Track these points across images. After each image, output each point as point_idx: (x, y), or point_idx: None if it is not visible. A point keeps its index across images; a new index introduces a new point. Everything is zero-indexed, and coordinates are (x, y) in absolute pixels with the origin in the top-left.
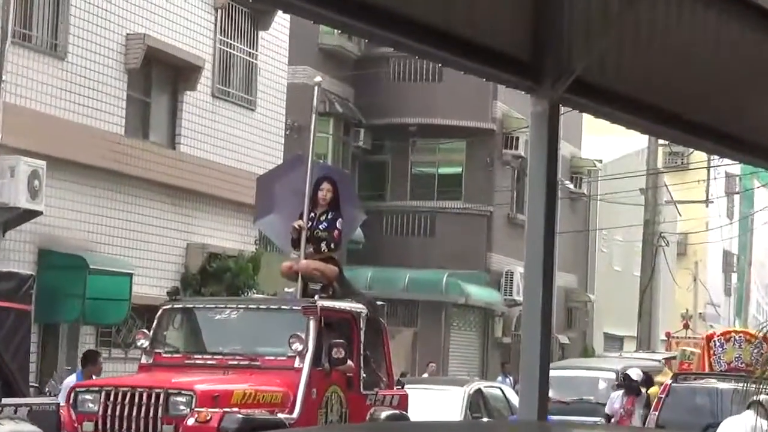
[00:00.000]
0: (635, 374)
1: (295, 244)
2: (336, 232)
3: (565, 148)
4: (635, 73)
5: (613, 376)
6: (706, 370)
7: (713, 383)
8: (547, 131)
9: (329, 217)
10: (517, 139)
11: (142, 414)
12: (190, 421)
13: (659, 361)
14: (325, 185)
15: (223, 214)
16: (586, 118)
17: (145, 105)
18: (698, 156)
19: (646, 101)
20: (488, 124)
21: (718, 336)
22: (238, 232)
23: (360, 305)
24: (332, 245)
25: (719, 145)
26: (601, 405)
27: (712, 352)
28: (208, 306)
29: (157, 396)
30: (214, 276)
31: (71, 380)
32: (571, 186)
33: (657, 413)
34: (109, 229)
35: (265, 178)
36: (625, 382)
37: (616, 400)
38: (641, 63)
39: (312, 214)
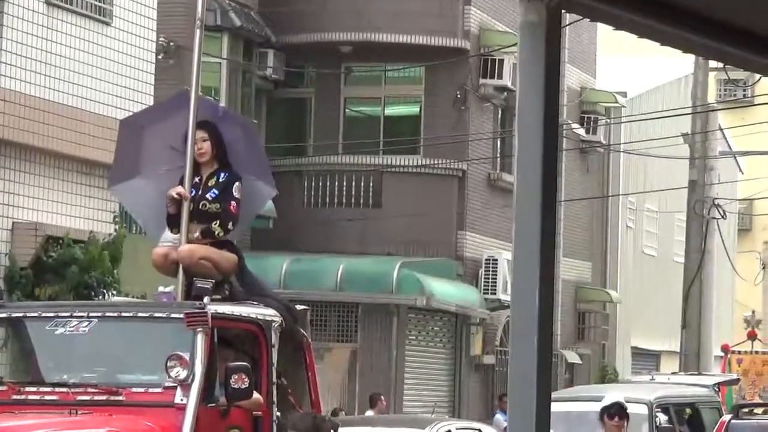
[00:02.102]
0: (623, 402)
1: (174, 222)
2: (232, 204)
3: (572, 76)
4: None
5: (644, 409)
6: None
7: None
8: (544, 50)
9: (221, 180)
10: (501, 62)
11: None
12: None
13: (711, 387)
14: (197, 134)
15: (66, 179)
16: (602, 31)
17: None
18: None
19: (692, 4)
20: (458, 41)
21: None
22: (88, 205)
23: (271, 311)
24: (229, 225)
25: None
26: None
27: None
28: (45, 314)
29: None
30: (53, 270)
31: None
32: (582, 131)
33: None
34: None
35: (130, 122)
36: (607, 415)
37: None
38: None
39: (197, 179)
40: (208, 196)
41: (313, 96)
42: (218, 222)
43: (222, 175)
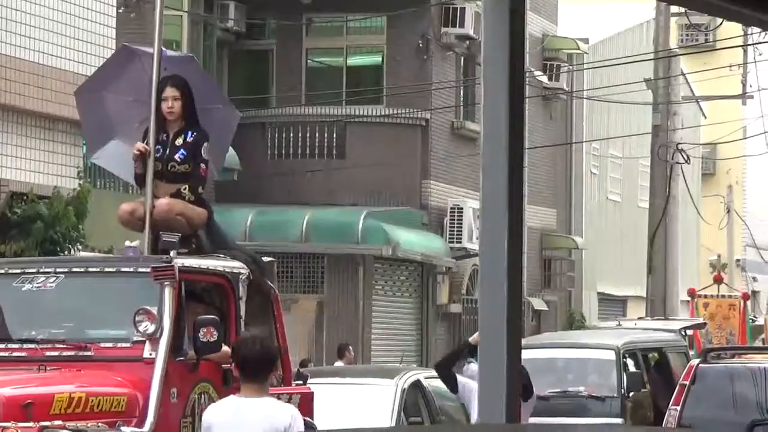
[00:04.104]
0: None
1: (142, 180)
2: (202, 167)
3: (534, 24)
4: None
5: (612, 355)
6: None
7: (762, 362)
8: None
9: (188, 139)
10: (463, 11)
11: None
12: None
13: (678, 331)
14: (169, 91)
15: (28, 134)
16: None
17: None
18: (730, 30)
19: None
20: None
21: None
22: (52, 161)
23: (238, 264)
24: (199, 189)
25: (763, 11)
26: (595, 399)
27: None
28: (11, 271)
29: None
30: (18, 226)
31: None
32: (545, 78)
33: (679, 408)
34: None
35: (85, 90)
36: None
37: (472, 396)
38: None
39: (163, 136)
40: (176, 157)
41: (274, 47)
42: (188, 187)
43: (189, 134)
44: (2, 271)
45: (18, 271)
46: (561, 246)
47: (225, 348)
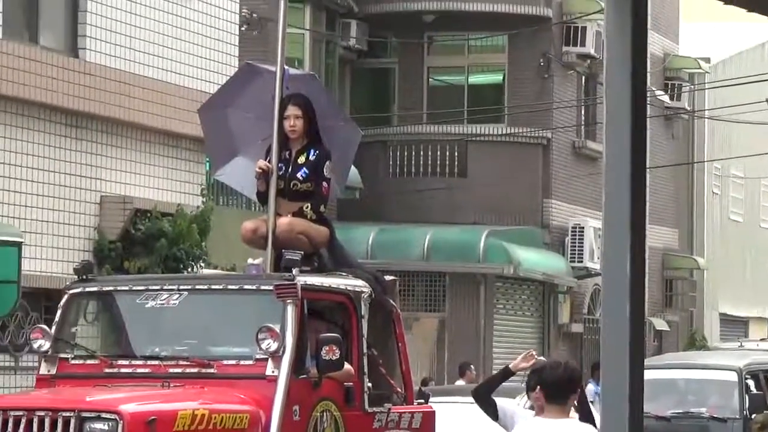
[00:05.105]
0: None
1: (264, 198)
2: (324, 185)
3: (655, 43)
4: None
5: (734, 377)
6: None
7: None
8: (630, 14)
9: (311, 157)
10: (584, 30)
11: None
12: None
13: None
14: (291, 109)
15: (152, 152)
16: None
17: None
18: None
19: None
20: (541, 9)
21: None
22: (176, 178)
23: (360, 282)
24: (321, 207)
25: None
26: (717, 420)
27: None
28: (135, 288)
29: (66, 421)
30: (142, 243)
31: None
32: (666, 98)
33: None
34: None
35: (209, 107)
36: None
37: (514, 419)
38: None
39: (285, 154)
40: (298, 175)
41: (396, 66)
42: (310, 205)
43: (312, 152)
44: (126, 288)
45: (142, 288)
46: (682, 266)
47: (347, 366)
